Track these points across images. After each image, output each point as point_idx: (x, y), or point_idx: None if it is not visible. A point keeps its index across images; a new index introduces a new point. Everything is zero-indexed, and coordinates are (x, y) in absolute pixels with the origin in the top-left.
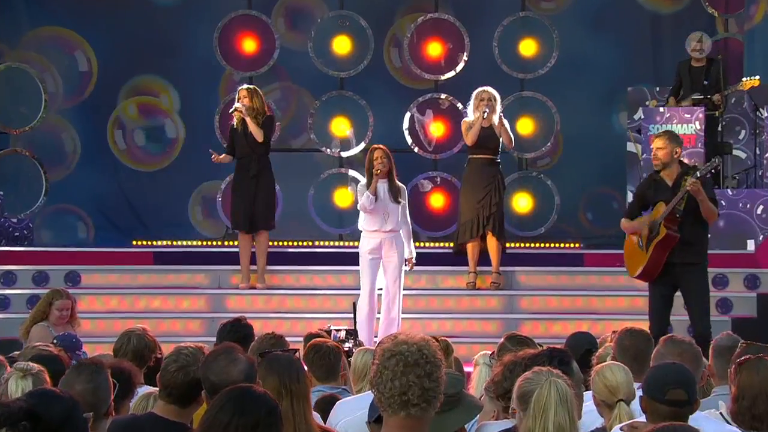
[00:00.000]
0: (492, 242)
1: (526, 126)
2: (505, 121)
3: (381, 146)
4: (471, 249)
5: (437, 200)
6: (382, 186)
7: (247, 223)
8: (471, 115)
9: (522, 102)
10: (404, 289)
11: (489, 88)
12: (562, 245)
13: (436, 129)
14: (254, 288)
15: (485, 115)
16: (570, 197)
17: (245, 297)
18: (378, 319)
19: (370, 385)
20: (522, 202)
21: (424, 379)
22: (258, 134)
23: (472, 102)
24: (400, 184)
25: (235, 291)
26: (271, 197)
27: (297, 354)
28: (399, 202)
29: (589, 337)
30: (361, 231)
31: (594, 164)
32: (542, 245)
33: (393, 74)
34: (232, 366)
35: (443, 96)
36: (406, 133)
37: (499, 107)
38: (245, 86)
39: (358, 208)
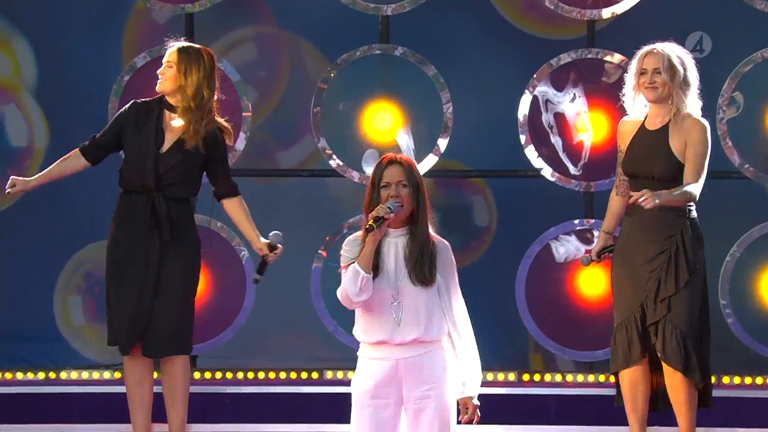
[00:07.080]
0: (676, 378)
1: None
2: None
3: (401, 156)
4: (630, 385)
5: (595, 281)
6: (393, 244)
7: (136, 338)
8: (631, 107)
9: None
10: None
11: (666, 47)
12: None
13: (593, 128)
14: None
15: None
16: None
17: None
18: None
19: None
20: None
21: None
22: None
23: (632, 75)
24: (435, 236)
25: None
26: (191, 282)
27: None
28: (429, 283)
29: None
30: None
31: None
32: None
33: (498, 8)
34: None
35: (608, 58)
36: (523, 136)
37: (694, 91)
38: (179, 43)
39: (338, 295)
